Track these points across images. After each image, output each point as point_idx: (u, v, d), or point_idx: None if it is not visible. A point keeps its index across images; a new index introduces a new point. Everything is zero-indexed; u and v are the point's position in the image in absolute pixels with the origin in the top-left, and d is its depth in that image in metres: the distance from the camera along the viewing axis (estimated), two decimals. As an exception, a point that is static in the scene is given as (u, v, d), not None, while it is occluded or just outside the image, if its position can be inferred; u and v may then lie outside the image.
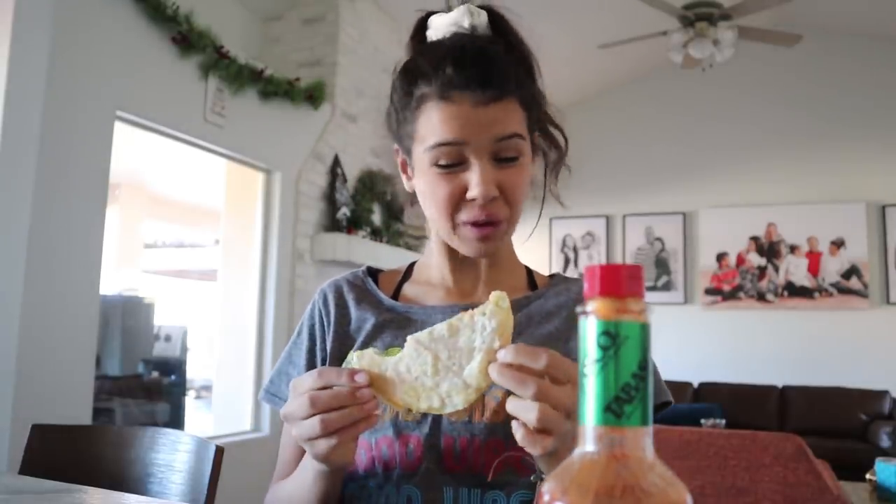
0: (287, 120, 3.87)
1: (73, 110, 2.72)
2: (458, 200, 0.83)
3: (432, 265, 0.96)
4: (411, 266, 1.01)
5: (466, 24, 0.87)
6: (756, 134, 6.02)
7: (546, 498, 0.36)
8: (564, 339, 0.88)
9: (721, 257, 6.11)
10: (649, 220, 6.35)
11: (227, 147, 3.61)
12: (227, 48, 3.42)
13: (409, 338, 0.66)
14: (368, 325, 0.91)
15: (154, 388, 5.37)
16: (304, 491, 0.78)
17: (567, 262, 6.44)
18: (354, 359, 0.67)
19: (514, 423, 0.62)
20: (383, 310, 0.93)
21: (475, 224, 0.84)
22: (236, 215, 4.08)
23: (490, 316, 0.63)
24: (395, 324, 0.90)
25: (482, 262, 0.94)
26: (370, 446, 0.82)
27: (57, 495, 0.90)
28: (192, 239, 9.51)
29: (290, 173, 4.02)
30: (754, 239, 6.04)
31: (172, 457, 1.16)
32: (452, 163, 0.82)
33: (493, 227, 0.84)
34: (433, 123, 0.82)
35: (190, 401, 7.02)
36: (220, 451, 1.11)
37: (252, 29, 4.33)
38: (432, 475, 0.79)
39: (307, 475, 0.77)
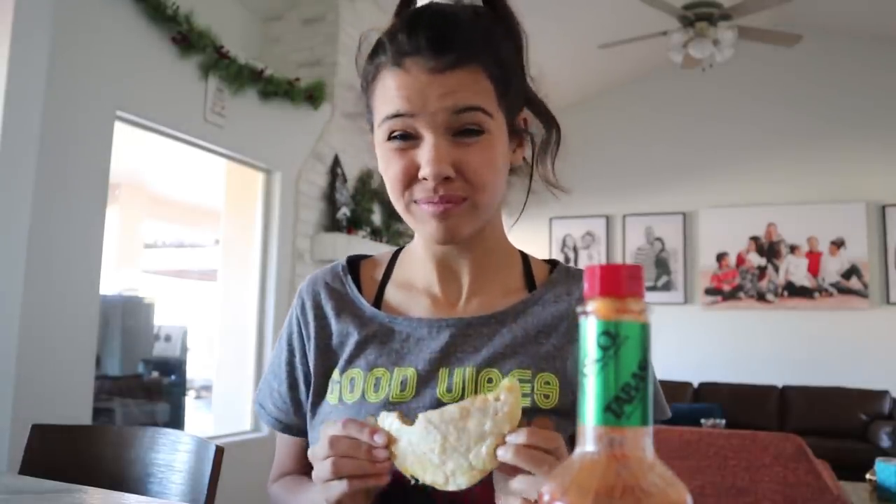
0: (287, 120, 3.87)
1: (73, 110, 2.72)
2: (410, 178, 0.76)
3: (416, 262, 0.88)
4: (396, 255, 0.93)
5: None
6: (756, 134, 6.02)
7: (546, 498, 0.36)
8: (562, 358, 0.81)
9: (721, 257, 6.11)
10: (649, 220, 6.35)
11: (227, 147, 3.61)
12: (227, 48, 3.42)
13: (420, 416, 0.65)
14: (351, 342, 0.85)
15: (154, 388, 5.37)
16: None
17: (567, 262, 6.44)
18: (380, 418, 0.68)
19: (511, 501, 0.63)
20: (366, 321, 0.86)
21: (428, 201, 0.76)
22: (236, 215, 4.08)
23: (503, 403, 0.64)
24: (379, 338, 0.84)
25: (467, 264, 0.85)
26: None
27: (57, 495, 0.90)
28: (192, 239, 9.51)
29: (290, 173, 4.02)
30: (754, 239, 6.04)
31: (172, 457, 1.16)
32: (403, 136, 0.75)
33: (453, 204, 0.76)
34: (386, 94, 0.76)
35: (190, 401, 7.03)
36: (220, 451, 1.11)
37: (252, 29, 4.33)
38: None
39: None
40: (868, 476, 2.50)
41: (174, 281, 9.86)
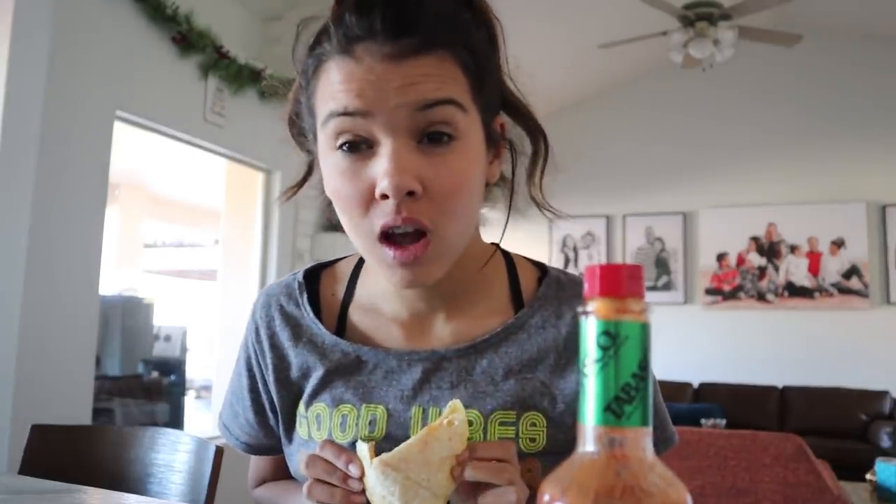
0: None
1: (73, 110, 2.72)
2: (367, 199, 0.61)
3: (380, 283, 0.73)
4: (358, 269, 0.79)
5: None
6: (756, 134, 6.02)
7: (546, 498, 0.36)
8: (550, 396, 0.71)
9: (721, 257, 6.11)
10: (649, 220, 6.35)
11: (227, 147, 3.61)
12: (227, 48, 3.42)
13: (375, 460, 0.59)
14: (315, 375, 0.74)
15: (154, 388, 5.37)
16: None
17: (567, 262, 6.44)
18: (358, 445, 0.65)
19: None
20: (327, 352, 0.74)
21: (389, 238, 0.61)
22: (236, 215, 4.09)
23: (457, 427, 0.62)
24: (344, 370, 0.73)
25: (440, 292, 0.72)
26: None
27: (57, 495, 0.90)
28: (192, 239, 9.51)
29: (290, 173, 4.01)
30: (754, 239, 6.04)
31: (172, 457, 1.16)
32: (353, 145, 0.60)
33: (421, 244, 0.61)
34: (330, 89, 0.61)
35: (190, 401, 7.03)
36: (220, 451, 1.11)
37: (252, 29, 4.33)
38: None
39: None
40: (868, 476, 2.51)
41: (174, 281, 9.87)
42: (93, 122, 2.82)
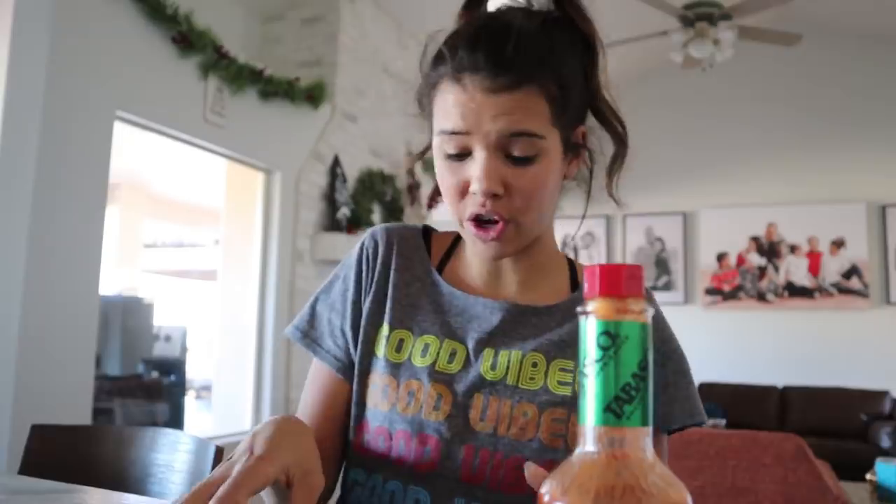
0: (287, 120, 3.87)
1: (73, 110, 2.72)
2: (463, 191, 0.77)
3: (471, 254, 0.88)
4: (457, 240, 0.92)
5: None
6: (756, 134, 6.02)
7: (546, 498, 0.36)
8: None
9: (721, 257, 6.11)
10: (649, 220, 6.35)
11: (227, 147, 3.61)
12: (227, 48, 3.42)
13: None
14: (408, 301, 0.85)
15: (154, 388, 5.37)
16: None
17: (567, 262, 6.46)
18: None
19: None
20: (427, 286, 0.86)
21: (477, 221, 0.77)
22: (236, 215, 4.09)
23: None
24: (435, 306, 0.85)
25: (516, 269, 0.86)
26: (389, 435, 0.78)
27: (57, 495, 0.90)
28: (192, 239, 9.51)
29: (290, 173, 4.02)
30: (754, 239, 6.04)
31: (172, 457, 1.16)
32: (458, 153, 0.76)
33: (500, 227, 0.76)
34: (443, 108, 0.76)
35: (190, 401, 7.03)
36: (220, 451, 1.11)
37: (252, 29, 4.33)
38: (446, 482, 0.76)
39: None
40: (868, 476, 2.51)
41: (174, 281, 9.87)
42: (93, 122, 2.82)
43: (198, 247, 9.48)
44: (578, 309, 0.38)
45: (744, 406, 5.42)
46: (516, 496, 0.74)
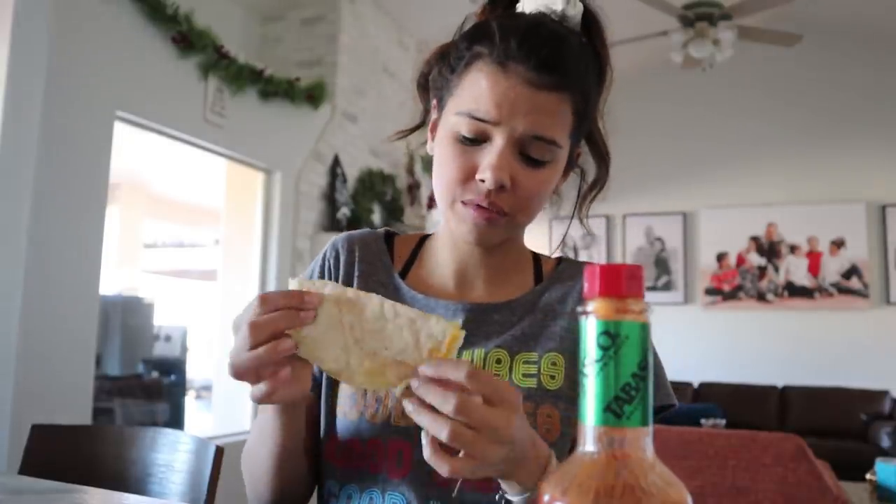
0: (287, 120, 3.87)
1: (73, 110, 2.72)
2: (467, 177, 0.76)
3: (438, 252, 0.89)
4: (422, 241, 0.94)
5: (558, 8, 0.80)
6: (756, 134, 6.02)
7: (546, 498, 0.36)
8: (571, 339, 0.82)
9: (721, 257, 6.10)
10: (649, 220, 6.35)
11: (227, 147, 3.61)
12: (227, 48, 3.42)
13: (326, 302, 0.66)
14: None
15: (154, 388, 5.37)
16: (267, 427, 0.76)
17: (567, 262, 6.46)
18: (294, 283, 0.68)
19: (423, 436, 0.59)
20: (390, 292, 0.86)
21: (476, 205, 0.76)
22: (236, 215, 4.09)
23: (443, 330, 0.61)
24: None
25: (485, 265, 0.87)
26: (359, 443, 0.79)
27: (57, 495, 0.90)
28: (192, 239, 9.51)
29: (290, 173, 4.02)
30: (754, 239, 6.04)
31: (172, 457, 1.16)
32: (474, 137, 0.75)
33: (496, 215, 0.77)
34: (477, 87, 0.75)
35: (190, 401, 7.03)
36: (220, 451, 1.11)
37: (252, 29, 4.33)
38: (420, 487, 0.75)
39: (266, 413, 0.76)
40: (868, 476, 2.50)
41: (174, 281, 9.86)
42: (93, 122, 2.82)
43: (198, 247, 9.48)
44: (578, 309, 0.38)
45: (743, 406, 5.42)
46: (489, 495, 0.72)
